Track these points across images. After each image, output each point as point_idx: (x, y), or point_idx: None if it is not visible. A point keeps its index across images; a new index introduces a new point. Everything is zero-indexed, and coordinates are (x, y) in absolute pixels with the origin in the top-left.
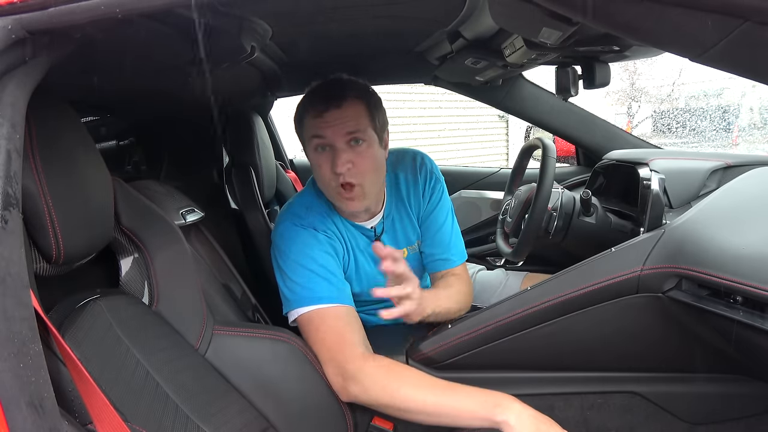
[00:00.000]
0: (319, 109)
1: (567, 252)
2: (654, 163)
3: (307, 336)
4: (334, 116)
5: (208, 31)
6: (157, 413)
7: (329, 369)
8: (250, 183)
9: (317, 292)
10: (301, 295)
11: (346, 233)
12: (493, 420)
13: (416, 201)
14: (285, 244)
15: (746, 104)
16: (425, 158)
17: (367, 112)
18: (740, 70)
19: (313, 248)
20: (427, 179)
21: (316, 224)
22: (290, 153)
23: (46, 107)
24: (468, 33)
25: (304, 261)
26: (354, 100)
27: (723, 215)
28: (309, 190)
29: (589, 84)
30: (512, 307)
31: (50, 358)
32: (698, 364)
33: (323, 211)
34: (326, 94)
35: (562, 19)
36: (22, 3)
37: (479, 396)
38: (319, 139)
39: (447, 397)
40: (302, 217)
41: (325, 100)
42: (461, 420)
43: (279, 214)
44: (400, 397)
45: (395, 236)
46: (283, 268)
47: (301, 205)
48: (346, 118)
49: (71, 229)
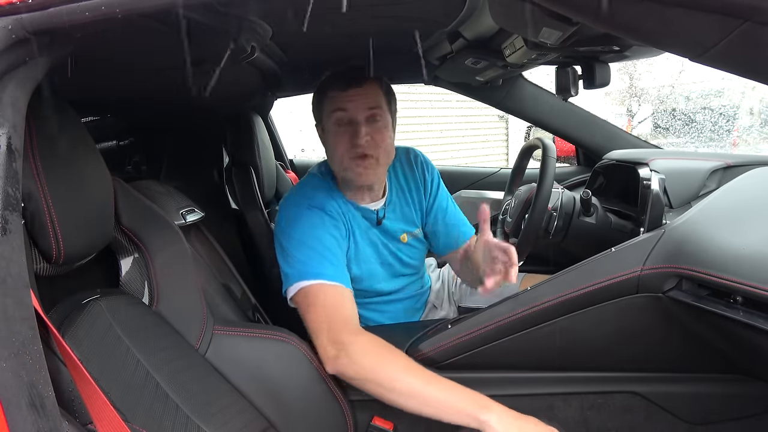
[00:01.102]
0: (342, 86)
1: (567, 252)
2: (654, 163)
3: (304, 309)
4: (357, 92)
5: (208, 32)
6: (157, 413)
7: (321, 338)
8: (250, 183)
9: (318, 269)
10: (302, 270)
11: (349, 215)
12: (476, 418)
13: (417, 192)
14: (290, 225)
15: (746, 104)
16: (417, 152)
17: (384, 94)
18: (740, 70)
19: (318, 229)
20: (424, 171)
21: (323, 204)
22: (290, 153)
23: (46, 107)
24: (468, 33)
25: (309, 240)
26: (373, 81)
27: (723, 215)
28: (313, 174)
29: (589, 84)
30: (512, 307)
31: (50, 358)
32: (698, 364)
33: (328, 193)
34: (348, 75)
35: (562, 19)
36: (22, 3)
37: (465, 393)
38: (341, 112)
39: (433, 387)
40: (310, 198)
41: (347, 78)
42: (443, 412)
43: (285, 197)
44: (386, 377)
45: (397, 221)
46: (287, 247)
47: (307, 186)
48: (367, 95)
49: (71, 230)
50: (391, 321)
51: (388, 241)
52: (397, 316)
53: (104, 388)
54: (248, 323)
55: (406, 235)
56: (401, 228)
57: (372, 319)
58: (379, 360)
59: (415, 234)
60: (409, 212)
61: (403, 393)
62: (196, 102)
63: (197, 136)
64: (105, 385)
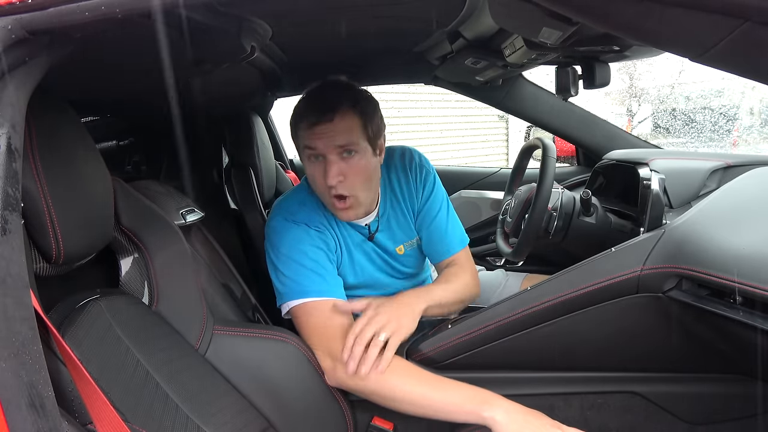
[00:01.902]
0: (311, 121)
1: (567, 252)
2: (654, 163)
3: (299, 327)
4: (326, 129)
5: (208, 32)
6: (157, 413)
7: (319, 352)
8: (250, 183)
9: (307, 286)
10: (293, 289)
11: (339, 230)
12: (479, 415)
13: (410, 197)
14: (277, 239)
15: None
16: (413, 152)
17: (360, 123)
18: (740, 70)
19: (305, 243)
20: (417, 173)
21: (309, 220)
22: (290, 153)
23: (46, 107)
24: (468, 33)
25: (296, 255)
26: (347, 111)
27: (723, 215)
28: (303, 186)
29: (589, 84)
30: (512, 307)
31: (50, 358)
32: (698, 364)
33: (316, 208)
34: (319, 104)
35: (562, 19)
36: (21, 3)
37: (467, 391)
38: (310, 150)
39: (434, 389)
40: (294, 213)
41: (317, 111)
42: (447, 413)
43: (272, 209)
44: (387, 386)
45: (391, 234)
46: (275, 263)
47: (294, 201)
48: (338, 131)
49: (71, 229)
50: None
51: (384, 253)
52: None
53: (104, 388)
54: (248, 323)
55: (402, 246)
56: (396, 240)
57: None
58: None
59: (411, 243)
60: (405, 222)
61: (405, 401)
62: (196, 102)
63: (197, 136)
64: (105, 385)
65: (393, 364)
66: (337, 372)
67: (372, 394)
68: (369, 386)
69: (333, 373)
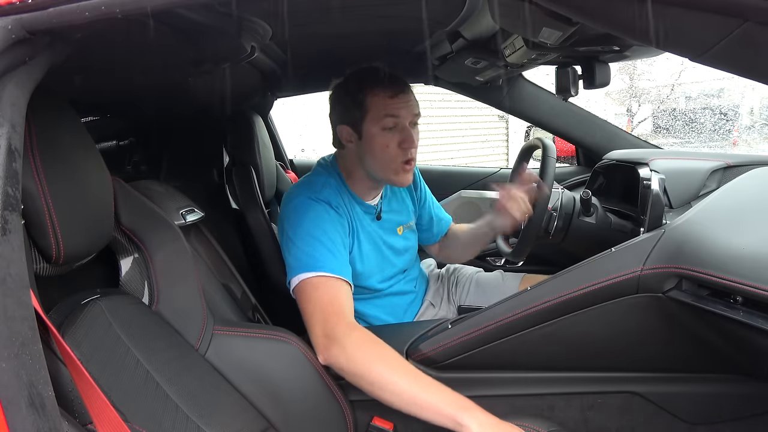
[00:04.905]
0: (394, 90)
1: (567, 252)
2: (654, 163)
3: (304, 300)
4: (406, 99)
5: (208, 32)
6: (157, 413)
7: (316, 328)
8: (251, 183)
9: (323, 261)
10: (307, 263)
11: (353, 212)
12: (457, 421)
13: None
14: (297, 216)
15: (746, 104)
16: None
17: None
18: (740, 70)
19: (326, 222)
20: None
21: (330, 199)
22: (290, 153)
23: (46, 107)
24: (468, 33)
25: (316, 232)
26: (409, 87)
27: (723, 215)
28: (322, 170)
29: (589, 84)
30: (512, 307)
31: (50, 358)
32: (698, 364)
33: (337, 188)
34: (395, 78)
35: (562, 19)
36: (22, 3)
37: (450, 396)
38: (393, 118)
39: (418, 386)
40: (318, 192)
41: (398, 82)
42: (426, 411)
43: (293, 188)
44: (374, 372)
45: (393, 215)
46: (293, 238)
47: (317, 181)
48: (413, 101)
49: (71, 229)
50: (384, 314)
51: (385, 234)
52: (390, 310)
53: (104, 388)
54: (248, 323)
55: (402, 227)
56: (398, 220)
57: (366, 312)
58: (371, 355)
59: (409, 225)
60: (403, 204)
61: (388, 390)
62: (196, 102)
63: (197, 136)
64: (105, 385)
65: (385, 355)
66: (330, 350)
67: (359, 378)
68: (358, 368)
69: (325, 352)
